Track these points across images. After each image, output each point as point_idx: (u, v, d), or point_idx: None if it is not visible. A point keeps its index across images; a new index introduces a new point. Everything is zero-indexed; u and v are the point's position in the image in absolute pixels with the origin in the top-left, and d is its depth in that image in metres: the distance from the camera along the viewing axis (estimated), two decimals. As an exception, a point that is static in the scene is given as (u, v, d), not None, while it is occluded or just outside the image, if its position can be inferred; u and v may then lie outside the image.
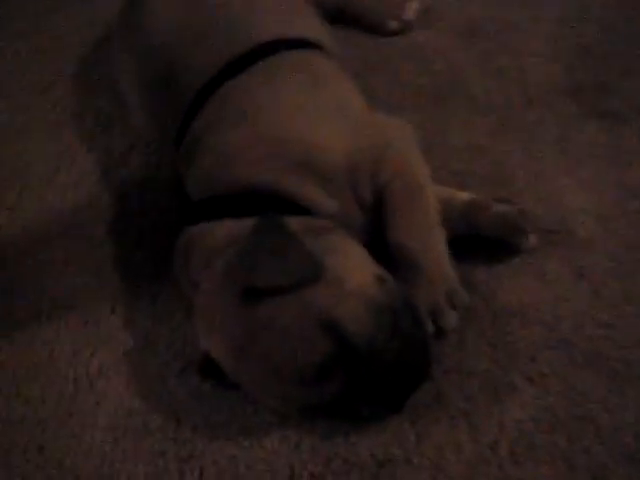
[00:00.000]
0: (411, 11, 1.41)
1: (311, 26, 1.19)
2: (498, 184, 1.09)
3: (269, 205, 0.90)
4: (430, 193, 0.97)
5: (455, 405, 0.88)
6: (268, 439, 0.89)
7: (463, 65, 1.30)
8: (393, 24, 1.42)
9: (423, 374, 0.84)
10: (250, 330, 0.81)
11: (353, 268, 0.86)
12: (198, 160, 1.00)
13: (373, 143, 0.98)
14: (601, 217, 1.03)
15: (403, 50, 1.36)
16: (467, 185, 1.08)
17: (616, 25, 1.32)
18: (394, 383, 0.82)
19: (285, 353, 0.79)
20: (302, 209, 0.93)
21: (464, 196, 1.01)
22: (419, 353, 0.83)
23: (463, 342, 0.93)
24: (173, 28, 1.12)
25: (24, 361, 1.05)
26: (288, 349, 0.79)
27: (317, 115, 0.99)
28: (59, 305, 1.11)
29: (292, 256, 0.81)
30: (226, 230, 0.90)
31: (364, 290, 0.83)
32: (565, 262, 0.99)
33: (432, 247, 0.94)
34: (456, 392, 0.89)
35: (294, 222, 0.87)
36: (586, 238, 1.01)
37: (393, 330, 0.82)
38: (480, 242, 1.00)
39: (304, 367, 0.79)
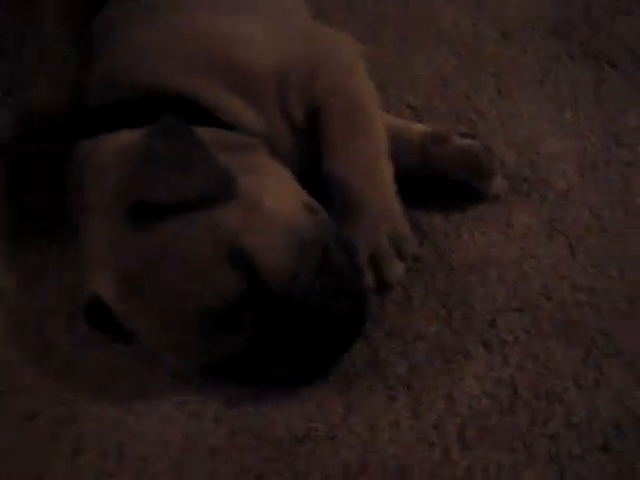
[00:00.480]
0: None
1: None
2: (463, 123, 0.93)
3: (178, 113, 0.72)
4: (377, 117, 0.81)
5: (395, 374, 0.72)
6: (163, 404, 0.73)
7: (433, -5, 1.13)
8: None
9: (355, 329, 0.69)
10: (141, 259, 0.65)
11: (275, 192, 0.70)
12: (98, 59, 0.82)
13: (310, 50, 0.81)
14: (582, 166, 0.88)
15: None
16: (426, 122, 0.92)
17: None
18: (317, 338, 0.66)
19: (183, 288, 0.63)
20: (219, 122, 0.76)
21: (420, 127, 0.86)
22: (351, 302, 0.68)
23: (409, 299, 0.77)
24: None
25: None
26: (187, 283, 0.63)
27: (244, 11, 0.82)
28: None
29: (197, 167, 0.65)
30: (122, 141, 0.72)
31: (287, 218, 0.68)
32: (537, 214, 0.84)
33: (377, 181, 0.78)
34: (397, 358, 0.73)
35: (206, 133, 0.70)
36: (564, 189, 0.86)
37: (320, 270, 0.67)
38: (437, 185, 0.85)
39: (206, 307, 0.63)
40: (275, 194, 0.69)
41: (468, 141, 0.83)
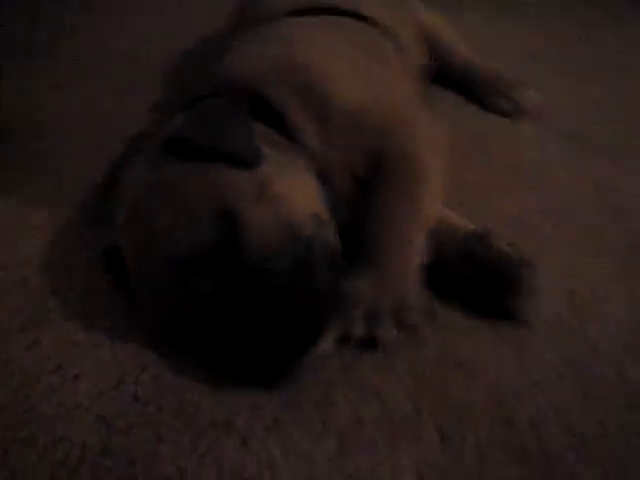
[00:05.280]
0: (528, 99, 1.36)
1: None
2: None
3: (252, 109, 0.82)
4: (433, 197, 0.85)
5: (335, 418, 0.70)
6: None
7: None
8: (502, 103, 1.37)
9: (311, 334, 0.68)
10: (150, 186, 0.72)
11: (292, 187, 0.75)
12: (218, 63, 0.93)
13: (393, 112, 0.88)
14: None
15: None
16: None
17: None
18: (263, 323, 0.67)
19: (171, 221, 0.69)
20: (283, 129, 0.83)
21: (469, 224, 0.87)
22: (316, 307, 0.68)
23: (386, 363, 0.77)
24: None
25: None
26: (175, 219, 0.69)
27: (351, 69, 0.91)
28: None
29: (233, 131, 0.74)
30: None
31: (290, 209, 0.72)
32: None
33: (406, 251, 0.81)
34: (345, 406, 0.72)
35: (259, 127, 0.79)
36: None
37: (297, 267, 0.69)
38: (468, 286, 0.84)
39: (182, 245, 0.69)
40: (290, 189, 0.74)
41: (511, 250, 0.80)
